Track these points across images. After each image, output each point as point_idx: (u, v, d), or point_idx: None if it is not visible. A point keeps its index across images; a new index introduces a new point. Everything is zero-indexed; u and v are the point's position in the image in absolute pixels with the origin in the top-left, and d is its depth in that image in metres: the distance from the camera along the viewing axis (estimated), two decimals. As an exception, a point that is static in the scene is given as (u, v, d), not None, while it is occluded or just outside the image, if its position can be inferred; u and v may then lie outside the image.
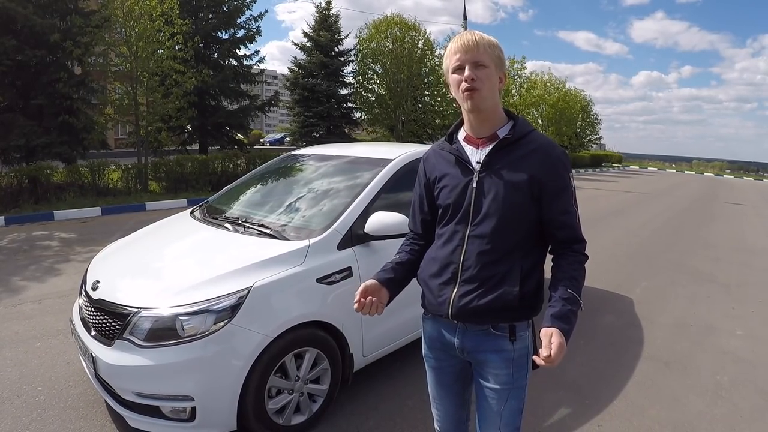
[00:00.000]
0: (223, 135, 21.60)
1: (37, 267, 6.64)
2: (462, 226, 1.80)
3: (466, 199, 1.79)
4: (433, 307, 1.87)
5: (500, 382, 1.82)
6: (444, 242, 1.85)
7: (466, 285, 1.77)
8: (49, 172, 11.47)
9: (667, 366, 4.27)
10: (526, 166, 1.74)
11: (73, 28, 13.08)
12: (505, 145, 1.77)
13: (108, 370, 2.74)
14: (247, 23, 21.59)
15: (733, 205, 17.95)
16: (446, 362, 1.97)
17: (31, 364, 3.89)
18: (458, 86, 1.74)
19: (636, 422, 3.40)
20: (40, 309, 5.07)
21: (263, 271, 2.88)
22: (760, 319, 5.59)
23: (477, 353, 1.85)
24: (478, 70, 1.71)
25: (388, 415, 3.34)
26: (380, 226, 3.20)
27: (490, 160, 1.77)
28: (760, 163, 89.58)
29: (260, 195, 4.28)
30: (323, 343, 3.06)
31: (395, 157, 3.85)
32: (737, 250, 9.45)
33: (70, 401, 3.40)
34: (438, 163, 1.93)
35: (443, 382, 2.02)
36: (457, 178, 1.83)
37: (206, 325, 2.63)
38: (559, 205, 1.77)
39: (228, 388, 2.66)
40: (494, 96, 1.76)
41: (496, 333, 1.80)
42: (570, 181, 1.80)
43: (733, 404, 3.70)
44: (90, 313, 3.01)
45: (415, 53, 28.03)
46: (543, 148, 1.77)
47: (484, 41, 1.73)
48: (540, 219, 1.78)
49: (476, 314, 1.77)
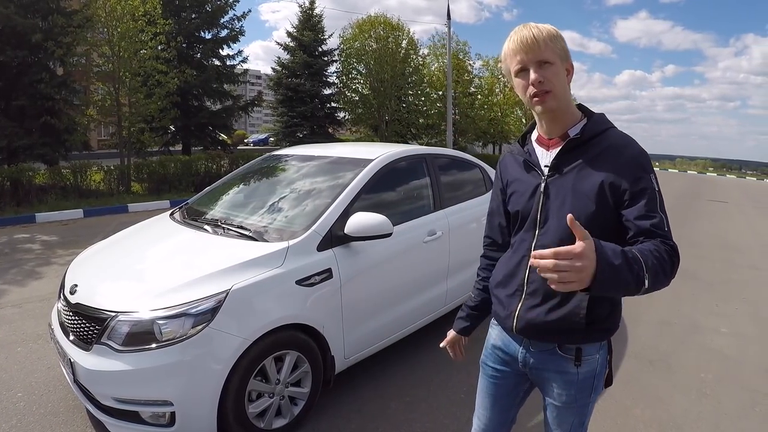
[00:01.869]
0: (207, 135, 21.50)
1: (18, 270, 6.56)
2: (529, 235, 1.70)
3: (533, 205, 1.68)
4: (500, 318, 1.80)
5: (562, 401, 1.72)
6: (514, 251, 1.77)
7: (531, 299, 1.67)
8: (30, 174, 11.38)
9: (652, 364, 4.28)
10: (596, 169, 1.58)
11: (55, 28, 12.94)
12: (575, 145, 1.63)
13: (87, 375, 2.71)
14: (230, 23, 21.54)
15: (716, 202, 18.08)
16: (502, 373, 1.87)
17: (11, 370, 3.84)
18: (524, 90, 1.60)
19: (621, 421, 3.40)
20: (20, 313, 5.01)
21: (242, 273, 2.86)
22: (743, 317, 5.62)
23: (540, 371, 1.75)
24: (543, 70, 1.56)
25: (371, 417, 3.33)
26: (360, 227, 3.19)
27: (559, 162, 1.65)
28: (743, 161, 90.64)
29: (241, 196, 4.26)
30: (304, 346, 3.05)
31: (376, 157, 3.86)
32: (720, 247, 9.50)
33: (50, 407, 3.36)
34: (510, 167, 1.83)
35: (493, 393, 1.91)
36: (526, 183, 1.73)
37: (184, 329, 2.61)
38: (638, 208, 1.51)
39: (207, 392, 2.64)
40: (565, 94, 1.62)
41: (561, 354, 1.68)
42: (651, 183, 1.55)
43: (717, 402, 3.72)
44: (68, 317, 2.98)
45: (399, 53, 28.08)
46: (615, 148, 1.59)
47: (544, 35, 1.56)
48: (618, 228, 1.56)
49: (541, 332, 1.67)
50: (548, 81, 1.56)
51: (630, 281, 1.31)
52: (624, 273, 1.29)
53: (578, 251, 1.24)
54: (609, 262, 1.27)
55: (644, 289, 1.35)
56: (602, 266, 1.25)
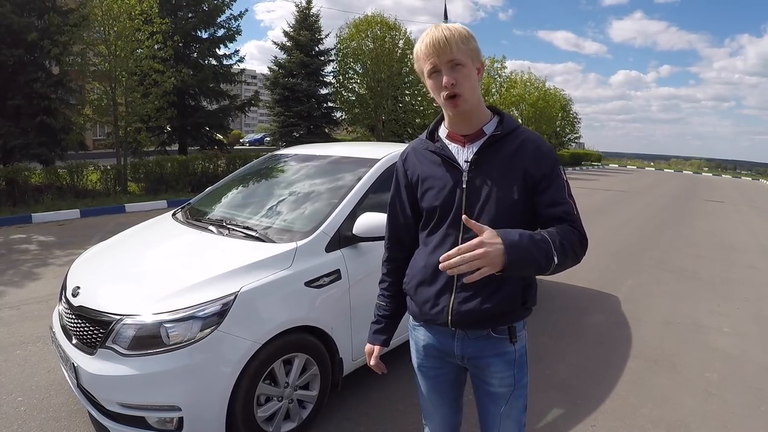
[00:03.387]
0: (203, 135, 21.35)
1: (15, 271, 6.48)
2: (453, 230, 1.70)
3: (456, 200, 1.69)
4: (428, 316, 1.78)
5: (505, 384, 1.77)
6: (434, 247, 1.74)
7: (464, 291, 1.68)
8: (27, 174, 11.26)
9: (657, 364, 4.28)
10: (517, 161, 1.66)
11: (51, 26, 12.85)
12: (494, 141, 1.69)
13: (91, 380, 2.64)
14: (227, 22, 21.35)
15: (712, 202, 18.15)
16: (442, 370, 1.89)
17: (11, 373, 3.77)
18: (438, 91, 1.64)
19: (629, 421, 3.39)
20: (18, 315, 4.93)
21: (250, 275, 2.80)
22: (745, 316, 5.63)
23: (479, 359, 1.78)
24: (455, 71, 1.60)
25: (380, 420, 3.30)
26: (369, 228, 3.13)
27: (479, 158, 1.68)
28: (737, 161, 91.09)
29: (244, 196, 4.20)
30: (312, 348, 3.00)
31: (382, 156, 3.80)
32: (719, 247, 9.53)
33: (51, 411, 3.30)
34: (420, 163, 1.82)
35: (440, 390, 1.93)
36: (443, 179, 1.73)
37: (192, 332, 2.55)
38: (551, 196, 1.66)
39: (216, 397, 2.58)
40: (476, 93, 1.67)
41: (496, 336, 1.74)
42: (561, 173, 1.71)
43: (723, 401, 3.71)
44: (71, 320, 2.91)
45: (396, 53, 28.05)
46: (532, 141, 1.70)
47: (455, 37, 1.59)
48: (534, 216, 1.69)
49: (479, 320, 1.70)
50: (459, 84, 1.61)
51: (539, 258, 1.46)
52: (531, 251, 1.45)
53: (478, 241, 1.39)
54: (514, 243, 1.41)
55: (554, 265, 1.49)
56: (508, 247, 1.39)
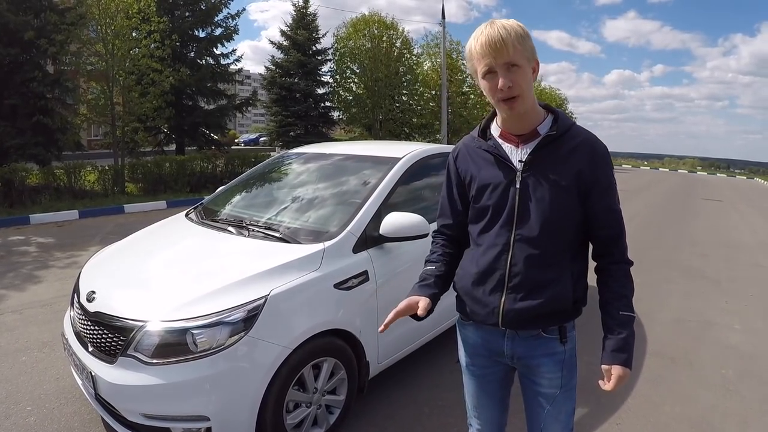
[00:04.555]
0: (200, 135, 21.22)
1: (15, 274, 6.31)
2: (506, 230, 1.67)
3: (508, 201, 1.66)
4: (479, 316, 1.76)
5: (554, 385, 1.76)
6: (486, 248, 1.72)
7: (515, 292, 1.66)
8: (24, 174, 11.08)
9: (674, 362, 4.27)
10: (572, 163, 1.62)
11: (48, 25, 12.66)
12: (549, 142, 1.64)
13: (111, 389, 2.50)
14: (224, 21, 21.18)
15: (711, 201, 18.12)
16: (490, 369, 1.87)
17: (18, 381, 3.62)
18: (493, 92, 1.58)
19: (653, 419, 3.38)
20: (22, 319, 4.78)
21: (278, 277, 2.68)
22: (754, 313, 5.65)
23: (529, 359, 1.76)
24: (512, 73, 1.54)
25: (407, 423, 3.21)
26: (396, 228, 3.04)
27: (534, 158, 1.64)
28: (731, 160, 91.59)
29: (260, 196, 4.08)
30: (340, 352, 2.88)
31: (403, 155, 3.70)
32: (722, 245, 9.51)
33: (63, 422, 3.15)
34: (473, 162, 1.77)
35: (487, 390, 1.91)
36: (497, 179, 1.69)
37: (220, 339, 2.42)
38: (605, 202, 1.66)
39: (246, 405, 2.46)
40: (532, 94, 1.62)
41: (547, 336, 1.72)
42: (614, 178, 1.70)
43: (741, 397, 3.73)
44: (86, 327, 2.76)
45: (393, 52, 28.03)
46: (588, 143, 1.66)
47: (512, 36, 1.52)
48: (584, 216, 1.68)
49: (530, 321, 1.68)
50: (517, 85, 1.55)
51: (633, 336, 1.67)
52: (632, 339, 1.68)
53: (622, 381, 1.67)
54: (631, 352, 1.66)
55: None
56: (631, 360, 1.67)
